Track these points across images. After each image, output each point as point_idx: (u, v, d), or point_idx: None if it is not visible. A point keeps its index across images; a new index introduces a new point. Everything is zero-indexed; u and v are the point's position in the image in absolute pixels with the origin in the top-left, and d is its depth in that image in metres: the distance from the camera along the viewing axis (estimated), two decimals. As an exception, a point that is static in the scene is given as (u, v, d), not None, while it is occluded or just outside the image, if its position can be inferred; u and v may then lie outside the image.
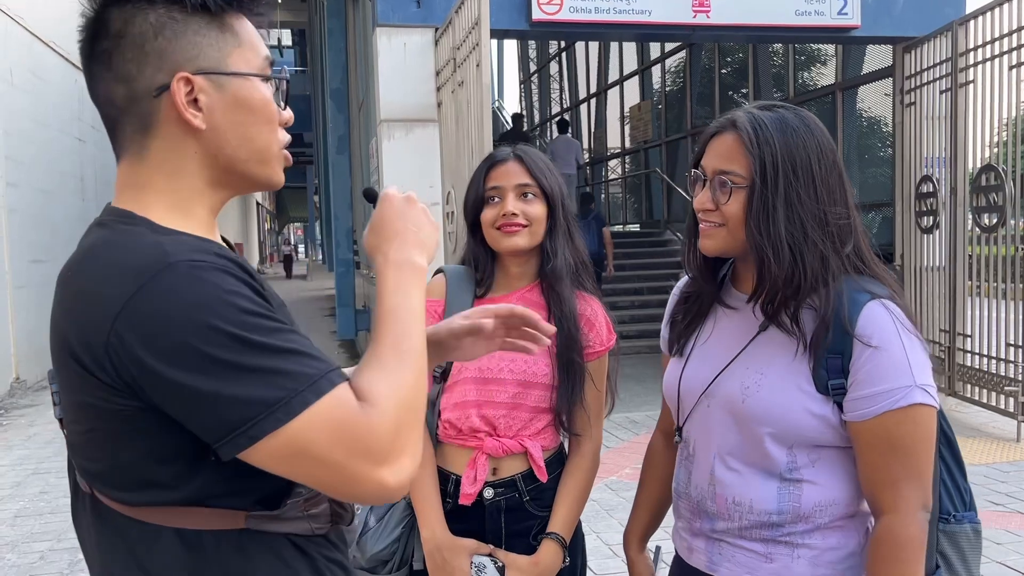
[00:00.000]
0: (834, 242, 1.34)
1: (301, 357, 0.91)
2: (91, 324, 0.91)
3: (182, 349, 0.87)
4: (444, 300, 1.81)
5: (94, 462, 0.98)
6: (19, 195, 8.93)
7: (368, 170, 8.79)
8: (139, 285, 0.89)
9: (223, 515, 0.96)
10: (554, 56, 19.09)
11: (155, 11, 0.97)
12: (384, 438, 0.91)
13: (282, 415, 0.88)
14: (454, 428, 1.77)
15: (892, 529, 1.30)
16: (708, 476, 1.45)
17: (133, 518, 0.97)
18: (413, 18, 6.75)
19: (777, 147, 1.32)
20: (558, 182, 1.80)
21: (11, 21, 8.99)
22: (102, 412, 0.93)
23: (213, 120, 1.00)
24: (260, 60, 1.04)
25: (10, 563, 4.15)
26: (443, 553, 1.71)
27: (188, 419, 0.90)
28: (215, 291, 0.89)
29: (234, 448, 0.89)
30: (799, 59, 10.23)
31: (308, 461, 0.90)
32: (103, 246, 0.96)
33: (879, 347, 1.29)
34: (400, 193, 1.13)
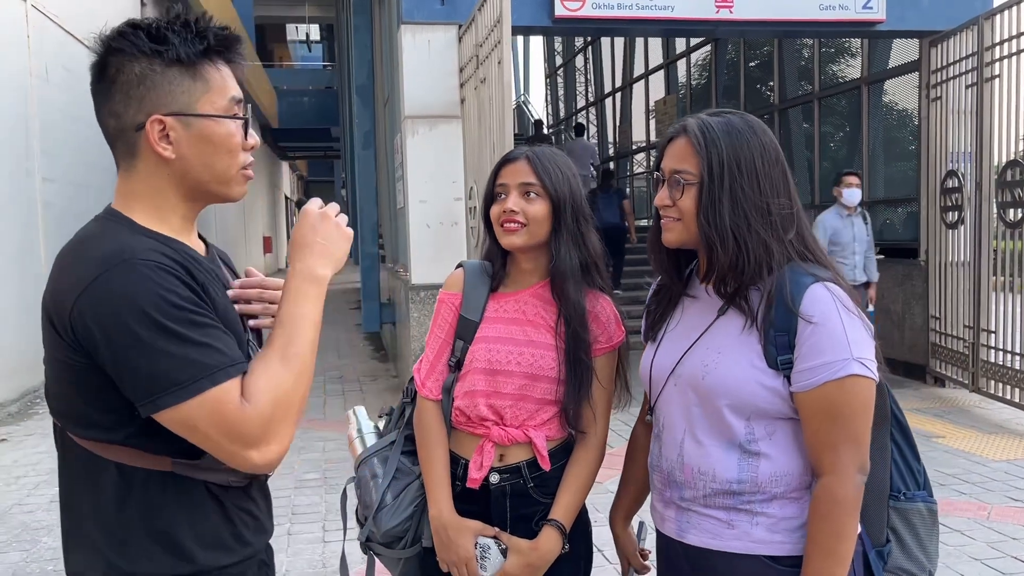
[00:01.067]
0: (776, 230, 1.48)
1: (209, 350, 1.16)
2: (62, 297, 1.18)
3: (119, 326, 1.14)
4: (461, 293, 1.89)
5: (59, 403, 1.26)
6: (54, 189, 9.15)
7: (393, 165, 8.90)
8: (98, 273, 1.16)
9: (152, 458, 1.22)
10: (580, 50, 19.08)
11: (140, 63, 1.23)
12: (254, 428, 1.17)
13: (182, 395, 1.14)
14: (464, 415, 1.84)
15: (829, 488, 1.43)
16: (677, 449, 1.57)
17: (87, 450, 1.24)
18: (437, 15, 6.83)
19: (723, 147, 1.48)
20: (568, 184, 1.83)
21: (46, 19, 9.20)
22: (65, 366, 1.20)
23: (180, 151, 1.26)
24: (226, 102, 1.28)
25: (46, 546, 4.31)
26: (448, 532, 1.79)
27: (117, 380, 1.17)
28: (153, 286, 1.15)
29: (144, 410, 1.17)
30: (827, 52, 10.17)
31: (195, 434, 1.17)
32: (87, 238, 1.24)
33: (819, 324, 1.42)
34: (318, 208, 1.34)
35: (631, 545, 1.87)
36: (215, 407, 1.15)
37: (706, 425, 1.53)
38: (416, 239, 6.89)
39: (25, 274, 8.53)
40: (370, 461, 1.90)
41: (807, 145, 10.40)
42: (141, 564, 1.23)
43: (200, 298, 1.20)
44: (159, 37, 1.24)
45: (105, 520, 1.24)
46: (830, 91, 9.95)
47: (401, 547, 1.85)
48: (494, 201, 1.86)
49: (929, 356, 7.81)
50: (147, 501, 1.23)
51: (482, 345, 1.83)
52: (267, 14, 30.30)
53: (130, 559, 1.23)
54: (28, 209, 8.61)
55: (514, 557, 1.79)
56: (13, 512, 4.87)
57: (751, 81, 11.98)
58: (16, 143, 8.38)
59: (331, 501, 4.87)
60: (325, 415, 7.18)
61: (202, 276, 1.24)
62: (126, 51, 1.23)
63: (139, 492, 1.23)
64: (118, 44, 1.24)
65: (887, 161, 9.33)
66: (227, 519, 1.29)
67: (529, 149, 1.88)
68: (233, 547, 1.29)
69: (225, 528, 1.29)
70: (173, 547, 1.24)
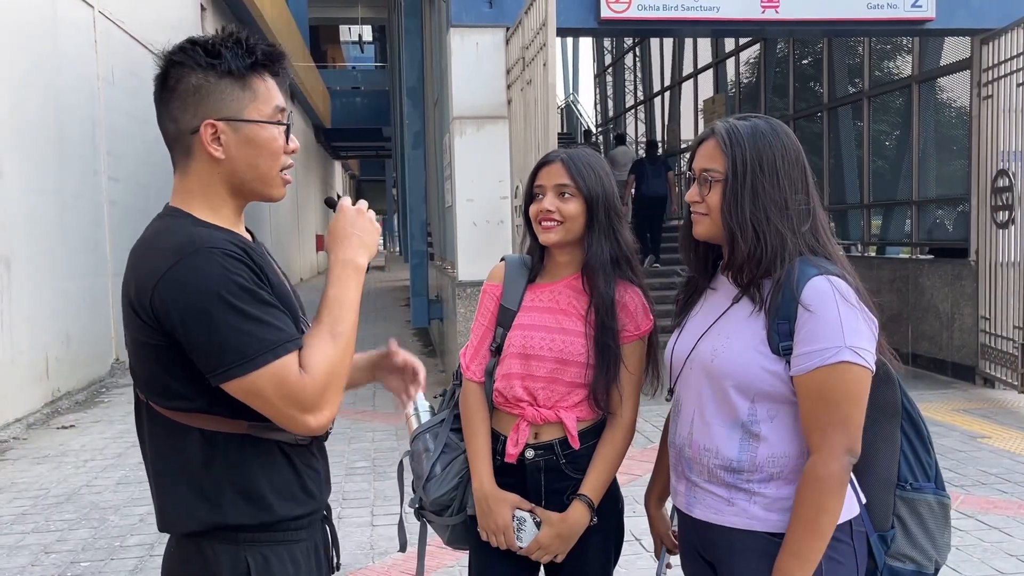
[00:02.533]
0: (792, 223, 1.61)
1: (272, 328, 1.34)
2: (144, 285, 1.35)
3: (194, 307, 1.31)
4: (502, 284, 2.07)
5: (143, 379, 1.43)
6: (120, 188, 9.55)
7: (441, 165, 9.09)
8: (174, 261, 1.33)
9: (230, 422, 1.40)
10: (628, 50, 19.08)
11: (197, 75, 1.41)
12: (312, 395, 1.35)
13: (249, 366, 1.32)
14: (502, 396, 2.01)
15: (815, 465, 1.54)
16: (688, 427, 1.71)
17: (171, 419, 1.41)
18: (485, 18, 6.99)
19: (747, 148, 1.62)
20: (601, 183, 1.98)
21: (111, 24, 9.60)
22: (148, 346, 1.38)
23: (229, 152, 1.43)
24: (271, 110, 1.45)
25: (113, 524, 4.58)
26: (488, 502, 1.97)
27: (193, 354, 1.34)
28: (222, 270, 1.33)
29: (216, 380, 1.34)
30: (878, 49, 10.07)
31: (259, 401, 1.35)
32: (157, 233, 1.42)
33: (816, 312, 1.53)
34: (352, 205, 1.53)
35: (664, 526, 1.98)
36: (278, 377, 1.32)
37: (713, 405, 1.65)
38: (463, 237, 7.06)
39: (93, 269, 8.93)
40: (423, 436, 2.08)
41: (857, 144, 10.31)
42: (230, 515, 1.40)
43: (260, 278, 1.37)
44: (214, 52, 1.41)
45: (195, 479, 1.41)
46: (881, 89, 9.87)
47: (449, 514, 2.04)
48: (533, 200, 2.02)
49: (979, 357, 7.73)
50: (229, 460, 1.41)
51: (518, 332, 1.99)
52: (321, 15, 30.84)
53: (221, 511, 1.40)
54: (95, 207, 9.01)
55: (546, 528, 1.95)
56: (82, 493, 5.16)
57: (801, 79, 11.91)
58: (84, 144, 8.78)
59: (379, 488, 5.06)
60: (375, 406, 7.39)
61: (260, 260, 1.41)
62: (186, 64, 1.41)
63: (221, 452, 1.40)
64: (179, 58, 1.41)
65: (938, 160, 9.23)
66: (296, 473, 1.46)
67: (564, 152, 2.03)
68: (303, 499, 1.47)
69: (295, 481, 1.46)
70: (255, 499, 1.41)
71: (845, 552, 1.59)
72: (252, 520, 1.42)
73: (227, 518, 1.41)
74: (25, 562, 4.10)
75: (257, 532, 1.43)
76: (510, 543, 1.96)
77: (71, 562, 4.09)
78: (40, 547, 4.29)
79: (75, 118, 8.53)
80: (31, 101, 7.56)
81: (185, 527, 1.43)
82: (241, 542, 1.42)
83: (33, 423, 7.08)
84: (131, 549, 4.22)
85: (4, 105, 7.02)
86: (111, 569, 3.99)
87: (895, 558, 1.66)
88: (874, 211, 10.15)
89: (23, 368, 7.21)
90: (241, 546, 1.42)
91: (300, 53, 22.01)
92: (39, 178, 7.64)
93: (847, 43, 10.37)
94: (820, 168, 10.88)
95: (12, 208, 7.09)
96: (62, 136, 8.18)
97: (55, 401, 7.74)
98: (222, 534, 1.42)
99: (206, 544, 1.42)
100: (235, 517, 1.41)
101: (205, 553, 1.42)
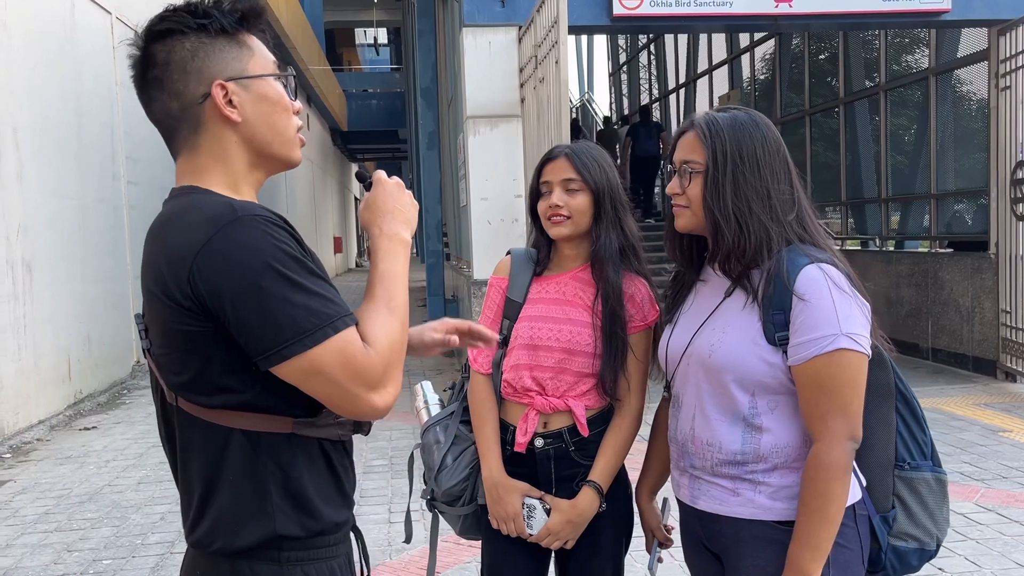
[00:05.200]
0: (776, 213, 1.61)
1: (327, 300, 1.20)
2: (178, 264, 1.18)
3: (242, 279, 1.16)
4: (508, 278, 2.09)
5: (179, 375, 1.25)
6: (139, 192, 9.66)
7: (456, 164, 9.12)
8: (212, 232, 1.17)
9: (275, 420, 1.25)
10: (643, 47, 19.04)
11: (189, 40, 1.27)
12: (378, 370, 1.21)
13: (308, 342, 1.16)
14: (511, 387, 2.03)
15: (818, 454, 1.54)
16: (690, 422, 1.71)
17: (210, 422, 1.25)
18: (497, 17, 7.01)
19: (726, 138, 1.62)
20: (606, 175, 2.00)
21: (130, 30, 9.71)
22: (184, 334, 1.21)
23: (245, 113, 1.29)
24: (270, 64, 1.34)
25: (135, 523, 4.64)
26: (498, 490, 1.99)
27: (241, 335, 1.18)
28: (270, 239, 1.18)
29: (269, 362, 1.17)
30: (895, 43, 10.00)
31: (322, 380, 1.18)
32: (182, 209, 1.25)
33: (810, 301, 1.53)
34: (390, 179, 1.40)
35: (655, 519, 2.00)
36: (342, 350, 1.18)
37: (714, 400, 1.65)
38: (478, 235, 7.09)
39: (114, 272, 9.04)
40: (433, 429, 2.11)
41: (874, 138, 10.24)
42: (280, 524, 1.25)
43: (305, 251, 1.24)
44: (201, 12, 1.28)
45: (241, 489, 1.25)
46: (897, 83, 9.79)
47: (460, 505, 2.06)
48: (539, 196, 2.04)
49: (999, 351, 7.66)
50: (275, 463, 1.26)
51: (525, 323, 2.01)
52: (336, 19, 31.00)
53: (270, 522, 1.25)
54: (115, 210, 9.12)
55: (556, 515, 1.97)
56: (104, 492, 5.23)
57: (817, 74, 11.84)
58: (104, 149, 8.89)
59: (396, 485, 5.09)
60: (392, 406, 7.43)
61: (297, 234, 1.27)
62: (173, 31, 1.27)
63: (266, 456, 1.25)
64: (163, 27, 1.27)
65: (956, 153, 9.14)
66: (334, 474, 1.33)
67: (568, 146, 2.05)
68: (340, 503, 1.34)
69: (333, 484, 1.33)
70: (302, 504, 1.27)
71: (850, 536, 1.59)
72: (300, 530, 1.27)
73: (277, 529, 1.25)
74: (48, 560, 4.16)
75: (301, 548, 1.28)
76: (520, 530, 1.98)
77: (93, 560, 4.14)
78: (63, 545, 4.35)
79: (94, 123, 8.64)
80: (51, 107, 7.67)
81: (230, 543, 1.26)
82: (284, 561, 1.27)
83: (56, 424, 7.18)
84: (152, 547, 4.27)
85: (25, 111, 7.12)
86: (133, 567, 4.04)
87: (897, 537, 1.67)
88: (892, 205, 10.08)
89: (46, 370, 7.30)
90: (284, 565, 1.27)
91: (316, 56, 22.13)
92: (60, 182, 7.74)
93: (863, 37, 10.30)
94: (837, 163, 10.82)
95: (34, 212, 7.18)
96: (82, 141, 8.28)
97: (77, 403, 7.83)
98: (264, 552, 1.26)
99: (243, 564, 1.26)
100: (284, 527, 1.26)
101: (240, 573, 1.26)
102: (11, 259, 6.80)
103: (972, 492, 4.63)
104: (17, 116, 6.97)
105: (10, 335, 6.73)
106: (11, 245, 6.80)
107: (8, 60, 6.90)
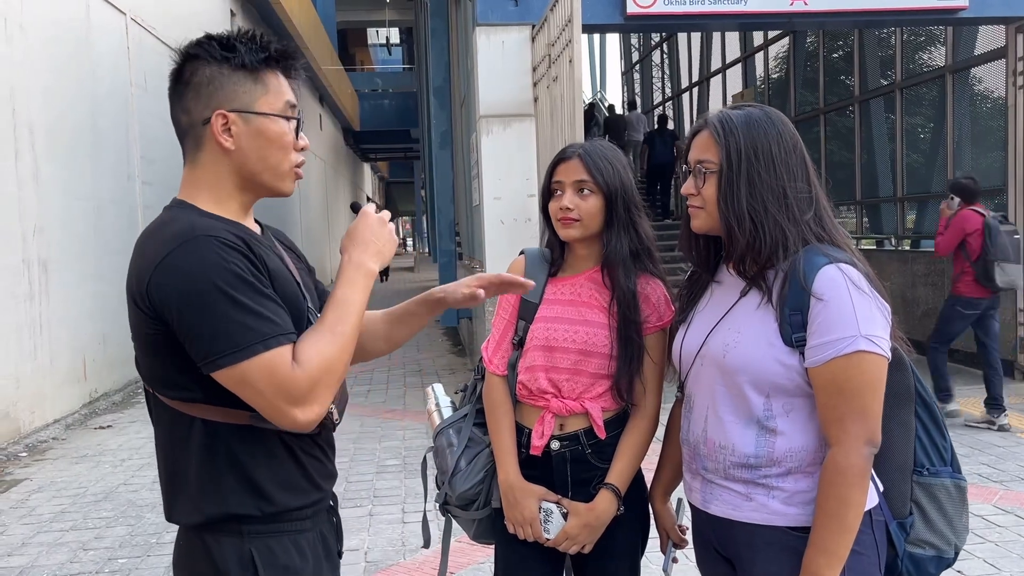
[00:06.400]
0: (792, 212, 1.57)
1: (265, 319, 1.33)
2: (141, 273, 1.35)
3: (188, 294, 1.31)
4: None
5: (147, 370, 1.43)
6: (153, 192, 9.70)
7: (469, 164, 9.12)
8: (170, 249, 1.33)
9: (231, 413, 1.39)
10: (656, 46, 18.98)
11: (211, 67, 1.43)
12: (302, 387, 1.33)
13: (240, 356, 1.30)
14: (527, 389, 2.01)
15: (835, 458, 1.50)
16: (702, 424, 1.67)
17: (176, 409, 1.41)
18: (511, 16, 6.99)
19: (741, 137, 1.58)
20: (619, 177, 1.97)
21: (143, 31, 9.76)
22: (147, 335, 1.38)
23: (239, 144, 1.43)
24: (281, 104, 1.46)
25: (150, 521, 4.66)
26: (515, 494, 1.97)
27: (184, 341, 1.33)
28: (218, 259, 1.32)
29: (207, 369, 1.33)
30: (911, 40, 9.92)
31: (249, 390, 1.33)
32: (161, 223, 1.42)
33: (829, 302, 1.49)
34: (375, 212, 1.53)
35: (669, 520, 1.97)
36: (269, 368, 1.31)
37: (728, 401, 1.62)
38: (491, 235, 7.07)
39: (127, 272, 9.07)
40: (446, 432, 2.09)
41: (890, 137, 10.17)
42: (232, 505, 1.40)
43: (259, 270, 1.37)
44: (229, 46, 1.43)
45: (198, 470, 1.40)
46: (913, 80, 9.72)
47: (475, 508, 2.04)
48: (551, 197, 2.01)
49: (1017, 351, 7.58)
50: (231, 450, 1.40)
51: (540, 324, 1.99)
52: (349, 19, 31.08)
53: (223, 502, 1.40)
54: (130, 211, 9.15)
55: (573, 518, 1.94)
56: (119, 491, 5.25)
57: (831, 72, 11.77)
58: (119, 149, 8.93)
59: (410, 485, 5.09)
60: (405, 405, 7.44)
61: (260, 250, 1.40)
62: (201, 57, 1.42)
63: (223, 444, 1.40)
64: (195, 52, 1.43)
65: (973, 151, 9.06)
66: (299, 464, 1.46)
67: (581, 146, 2.01)
68: (306, 488, 1.46)
69: (298, 472, 1.45)
70: (257, 489, 1.41)
71: (866, 542, 1.56)
72: (254, 511, 1.41)
73: (230, 508, 1.40)
74: (64, 559, 4.18)
75: (260, 523, 1.42)
76: (537, 535, 1.96)
77: (109, 559, 4.16)
78: (79, 544, 4.37)
79: (109, 124, 8.68)
80: (67, 107, 7.71)
81: (190, 518, 1.43)
82: (245, 534, 1.41)
83: (72, 423, 7.22)
84: (167, 546, 4.28)
85: (41, 111, 7.16)
86: (148, 566, 4.05)
87: (914, 544, 1.63)
88: (908, 204, 10.00)
89: (61, 370, 7.34)
90: (245, 538, 1.41)
91: (328, 57, 22.18)
92: (75, 183, 7.78)
93: (878, 35, 10.23)
94: (852, 162, 10.75)
95: (49, 212, 7.23)
96: (97, 141, 8.33)
97: (93, 402, 7.88)
98: (225, 526, 1.41)
99: (209, 537, 1.42)
100: (238, 507, 1.40)
101: (209, 546, 1.42)
102: (27, 259, 6.84)
103: (991, 494, 4.59)
104: (33, 116, 7.01)
105: (26, 334, 6.77)
106: (27, 245, 6.84)
107: (24, 61, 6.95)
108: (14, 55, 6.79)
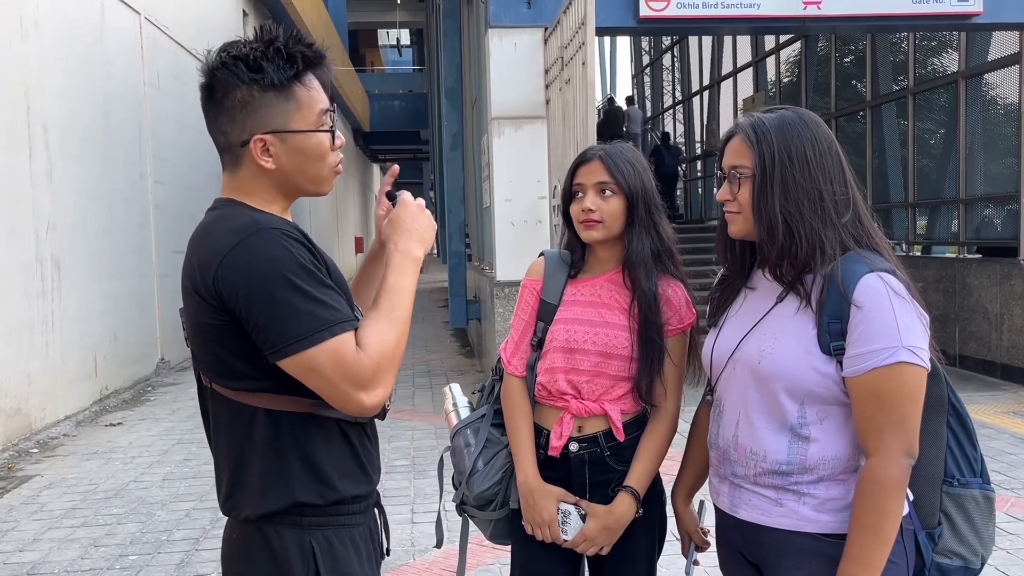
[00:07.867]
0: (829, 215, 1.56)
1: (329, 307, 1.37)
2: (207, 265, 1.38)
3: (256, 285, 1.34)
4: (542, 280, 2.06)
5: (207, 362, 1.46)
6: (165, 191, 9.74)
7: (479, 165, 9.12)
8: (237, 241, 1.37)
9: (293, 401, 1.43)
10: (667, 49, 18.97)
11: (241, 90, 1.43)
12: (367, 372, 1.37)
13: (307, 343, 1.34)
14: (546, 390, 2.01)
15: (874, 469, 1.49)
16: (733, 428, 1.66)
17: (237, 401, 1.45)
18: (523, 19, 7.00)
19: (774, 141, 1.57)
20: (640, 178, 1.97)
21: (157, 31, 9.80)
22: (211, 327, 1.41)
23: (279, 162, 1.47)
24: (315, 117, 1.48)
25: (160, 519, 4.67)
26: (533, 495, 1.97)
27: (251, 331, 1.37)
28: (283, 251, 1.36)
29: (274, 357, 1.37)
30: (923, 46, 9.89)
31: (316, 376, 1.36)
32: (218, 219, 1.45)
33: (870, 311, 1.48)
34: (413, 200, 1.59)
35: (692, 522, 1.96)
36: (336, 354, 1.35)
37: (761, 407, 1.61)
38: (501, 237, 7.07)
39: (139, 270, 9.12)
40: (464, 432, 2.09)
41: (901, 142, 10.13)
42: (299, 492, 1.43)
43: (319, 260, 1.42)
44: (256, 67, 1.43)
45: (264, 460, 1.43)
46: (926, 86, 9.68)
47: (492, 509, 2.04)
48: (572, 199, 2.01)
49: (1029, 358, 7.55)
50: (294, 438, 1.44)
51: (561, 326, 1.99)
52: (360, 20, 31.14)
53: (290, 490, 1.43)
54: (142, 209, 9.20)
55: (592, 520, 1.94)
56: (130, 488, 5.27)
57: (843, 77, 11.73)
58: (131, 148, 8.97)
59: (419, 486, 5.09)
60: (414, 405, 7.44)
61: (314, 246, 1.44)
62: (229, 79, 1.43)
63: (287, 431, 1.44)
64: (222, 74, 1.44)
65: (985, 157, 9.02)
66: (355, 453, 1.50)
67: (602, 148, 2.01)
68: (361, 478, 1.51)
69: (354, 461, 1.50)
70: (320, 476, 1.45)
71: (897, 551, 1.54)
72: (318, 499, 1.44)
73: (296, 495, 1.43)
74: (75, 555, 4.19)
75: (320, 515, 1.45)
76: (555, 536, 1.96)
77: (119, 555, 4.17)
78: (90, 540, 4.39)
79: (123, 123, 8.72)
80: (80, 106, 7.75)
81: (256, 509, 1.44)
82: (305, 526, 1.44)
83: (82, 420, 7.25)
84: (177, 543, 4.30)
85: (55, 110, 7.20)
86: (158, 563, 4.06)
87: (942, 555, 1.62)
88: (919, 210, 9.96)
89: (72, 367, 7.38)
90: (305, 530, 1.44)
91: (339, 57, 22.23)
92: (88, 181, 7.82)
93: (891, 40, 10.19)
94: (863, 167, 10.71)
95: (62, 210, 7.26)
96: (110, 141, 8.36)
97: (103, 399, 7.91)
98: (287, 518, 1.44)
99: (269, 528, 1.44)
100: (303, 495, 1.43)
101: (269, 538, 1.44)
102: (40, 256, 6.88)
103: (1002, 502, 4.56)
104: (47, 115, 7.05)
105: (38, 331, 6.80)
106: (40, 242, 6.88)
107: (39, 60, 6.99)
108: (29, 54, 6.83)
